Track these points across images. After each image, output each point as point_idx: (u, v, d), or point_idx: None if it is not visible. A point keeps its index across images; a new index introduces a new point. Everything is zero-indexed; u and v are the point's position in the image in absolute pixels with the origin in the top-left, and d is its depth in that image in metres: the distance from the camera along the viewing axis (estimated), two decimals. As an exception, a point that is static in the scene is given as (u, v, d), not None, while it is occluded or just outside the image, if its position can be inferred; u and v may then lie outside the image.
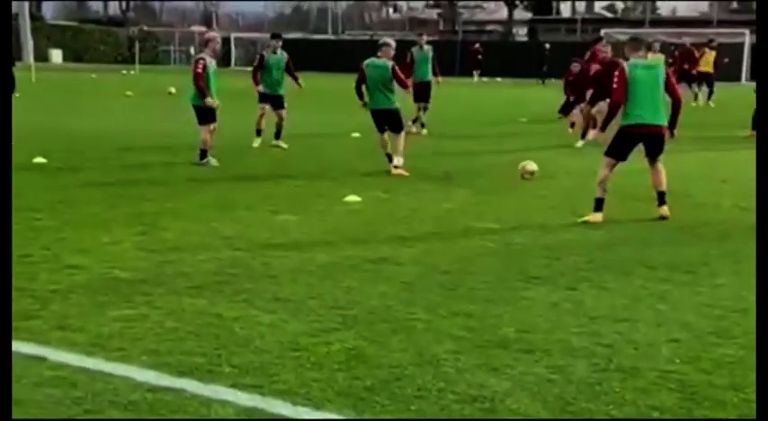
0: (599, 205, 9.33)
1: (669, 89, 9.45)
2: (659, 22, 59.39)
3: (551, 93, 20.17)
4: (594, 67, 16.53)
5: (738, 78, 41.43)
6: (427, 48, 19.21)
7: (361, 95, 12.90)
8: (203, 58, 12.99)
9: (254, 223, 8.95)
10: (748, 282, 6.65)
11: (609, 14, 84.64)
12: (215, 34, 14.50)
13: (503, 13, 79.12)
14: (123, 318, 5.63)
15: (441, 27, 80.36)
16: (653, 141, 9.42)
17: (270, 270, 7.02)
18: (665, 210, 9.49)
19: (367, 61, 12.81)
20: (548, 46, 49.01)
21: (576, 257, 7.56)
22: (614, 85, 9.35)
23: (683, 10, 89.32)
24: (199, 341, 5.23)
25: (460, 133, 19.32)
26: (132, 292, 6.24)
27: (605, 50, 16.80)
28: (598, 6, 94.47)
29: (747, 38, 38.74)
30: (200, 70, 12.79)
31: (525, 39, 68.62)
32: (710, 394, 4.58)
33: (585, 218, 9.26)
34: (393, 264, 7.30)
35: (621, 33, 44.35)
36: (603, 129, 9.59)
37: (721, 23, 52.94)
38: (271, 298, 6.21)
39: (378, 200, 10.49)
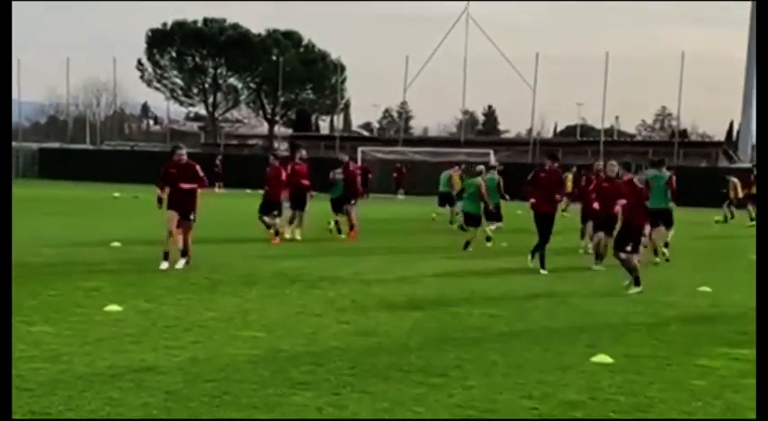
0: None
1: None
2: (412, 142, 62.71)
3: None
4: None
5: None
6: None
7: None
8: None
9: (6, 335, 8.50)
10: (496, 384, 7.14)
11: (365, 133, 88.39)
12: None
13: (264, 128, 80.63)
14: None
15: (202, 140, 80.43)
16: None
17: (24, 383, 6.72)
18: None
19: None
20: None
21: (340, 363, 7.76)
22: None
23: (434, 131, 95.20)
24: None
25: (229, 237, 19.10)
26: None
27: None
28: (355, 125, 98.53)
29: (492, 157, 42.16)
30: None
31: (287, 154, 70.09)
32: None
33: None
34: (157, 373, 7.19)
35: (377, 151, 46.64)
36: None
37: (468, 143, 56.63)
38: (26, 411, 5.96)
39: (139, 309, 10.27)
